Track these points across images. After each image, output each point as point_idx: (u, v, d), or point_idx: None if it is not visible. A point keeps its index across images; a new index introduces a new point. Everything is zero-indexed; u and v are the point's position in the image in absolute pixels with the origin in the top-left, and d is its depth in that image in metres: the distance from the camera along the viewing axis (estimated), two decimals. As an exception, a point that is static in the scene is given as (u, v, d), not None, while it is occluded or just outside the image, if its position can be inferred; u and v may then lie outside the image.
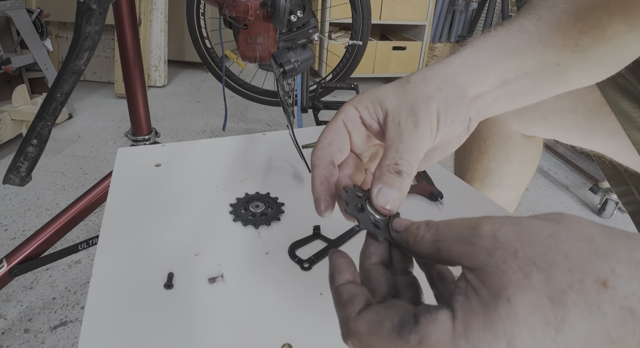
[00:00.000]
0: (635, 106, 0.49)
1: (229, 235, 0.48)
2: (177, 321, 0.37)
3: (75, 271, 1.01)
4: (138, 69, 0.88)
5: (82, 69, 0.65)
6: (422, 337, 0.17)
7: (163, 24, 2.28)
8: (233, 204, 0.53)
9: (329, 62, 2.35)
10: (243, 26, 1.05)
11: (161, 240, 0.47)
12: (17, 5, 1.67)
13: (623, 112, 0.50)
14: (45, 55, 1.82)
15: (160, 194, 0.55)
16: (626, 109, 0.50)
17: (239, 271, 0.43)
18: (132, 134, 0.94)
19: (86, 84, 2.34)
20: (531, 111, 0.58)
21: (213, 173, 0.60)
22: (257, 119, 2.03)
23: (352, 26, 1.72)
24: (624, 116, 0.50)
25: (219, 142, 0.70)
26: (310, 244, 0.47)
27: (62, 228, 0.80)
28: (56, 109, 0.67)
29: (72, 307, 0.91)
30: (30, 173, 0.72)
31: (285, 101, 0.58)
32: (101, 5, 0.61)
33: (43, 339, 0.84)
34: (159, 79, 2.35)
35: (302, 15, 0.58)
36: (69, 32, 2.31)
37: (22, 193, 1.30)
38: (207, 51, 1.79)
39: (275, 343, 0.35)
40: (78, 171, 1.47)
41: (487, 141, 0.66)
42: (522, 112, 0.59)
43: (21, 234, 1.13)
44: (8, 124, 1.57)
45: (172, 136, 1.79)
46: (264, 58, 1.09)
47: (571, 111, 0.55)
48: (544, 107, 0.56)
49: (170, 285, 0.40)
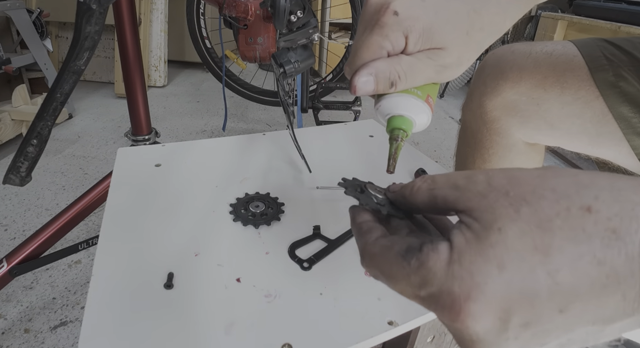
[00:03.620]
0: (636, 110, 0.49)
1: (229, 235, 0.48)
2: (177, 321, 0.37)
3: (75, 271, 1.01)
4: (138, 69, 0.88)
5: (82, 69, 0.65)
6: (421, 263, 0.19)
7: (163, 24, 2.28)
8: (233, 204, 0.53)
9: (329, 62, 2.35)
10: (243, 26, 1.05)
11: (161, 240, 0.47)
12: (17, 5, 1.67)
13: (623, 117, 0.50)
14: (45, 55, 1.82)
15: (160, 194, 0.55)
16: (626, 114, 0.50)
17: (239, 271, 0.43)
18: (132, 134, 0.94)
19: (86, 84, 2.34)
20: (536, 118, 0.58)
21: (213, 173, 0.60)
22: (257, 119, 2.03)
23: (352, 26, 1.72)
24: (624, 120, 0.50)
25: (219, 142, 0.70)
26: (310, 244, 0.47)
27: (62, 228, 0.80)
28: (56, 109, 0.67)
29: (72, 307, 0.91)
30: (30, 173, 0.72)
31: (285, 101, 0.58)
32: (101, 5, 0.61)
33: (43, 339, 0.84)
34: (159, 79, 2.35)
35: (302, 16, 0.58)
36: (69, 32, 2.31)
37: (22, 193, 1.30)
38: (207, 51, 1.79)
39: (275, 343, 0.35)
40: (78, 171, 1.47)
41: (490, 150, 0.66)
42: (527, 120, 0.59)
43: (21, 234, 1.13)
44: (8, 124, 1.57)
45: (172, 136, 1.79)
46: (264, 58, 1.09)
47: (578, 117, 0.54)
48: (549, 114, 0.56)
49: (170, 285, 0.40)
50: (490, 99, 0.61)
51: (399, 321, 0.38)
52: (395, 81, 0.29)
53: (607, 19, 1.69)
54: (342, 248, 0.47)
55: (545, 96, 0.56)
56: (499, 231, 0.18)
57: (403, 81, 0.29)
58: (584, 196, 0.17)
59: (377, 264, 0.21)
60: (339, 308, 0.39)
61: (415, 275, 0.19)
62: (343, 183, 0.28)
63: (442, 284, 0.18)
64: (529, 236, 0.17)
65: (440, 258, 0.18)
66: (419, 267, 0.19)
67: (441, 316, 0.19)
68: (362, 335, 0.37)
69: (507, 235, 0.17)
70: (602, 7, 1.74)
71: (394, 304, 0.40)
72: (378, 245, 0.22)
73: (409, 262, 0.20)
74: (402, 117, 0.31)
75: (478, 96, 0.63)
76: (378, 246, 0.22)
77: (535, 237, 0.17)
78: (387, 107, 0.31)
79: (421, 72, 0.29)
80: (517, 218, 0.18)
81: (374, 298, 0.40)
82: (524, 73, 0.57)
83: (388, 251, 0.21)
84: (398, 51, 0.29)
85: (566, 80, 0.54)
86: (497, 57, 0.62)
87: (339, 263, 0.44)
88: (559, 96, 0.55)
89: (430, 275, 0.18)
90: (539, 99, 0.56)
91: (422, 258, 0.19)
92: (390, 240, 0.22)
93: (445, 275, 0.18)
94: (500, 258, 0.17)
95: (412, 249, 0.20)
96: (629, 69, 0.42)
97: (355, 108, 1.56)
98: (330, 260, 0.45)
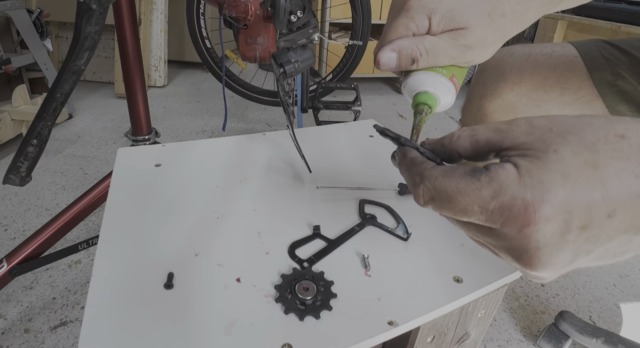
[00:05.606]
0: (634, 109, 0.49)
1: (229, 234, 0.48)
2: (177, 321, 0.37)
3: (75, 271, 1.01)
4: (138, 69, 0.88)
5: (82, 69, 0.65)
6: (491, 178, 0.21)
7: (163, 24, 2.28)
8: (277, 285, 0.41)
9: (329, 62, 2.34)
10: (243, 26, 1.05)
11: (161, 240, 0.47)
12: (17, 5, 1.67)
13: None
14: (45, 55, 1.82)
15: (160, 195, 0.55)
16: (623, 113, 0.50)
17: (239, 271, 0.43)
18: (132, 134, 0.94)
19: (86, 84, 2.34)
20: None
21: (213, 173, 0.60)
22: (257, 119, 2.03)
23: (352, 26, 1.72)
24: None
25: (219, 142, 0.70)
26: (310, 244, 0.47)
27: (62, 228, 0.80)
28: (56, 109, 0.67)
29: (72, 307, 0.91)
30: (30, 173, 0.72)
31: (285, 101, 0.58)
32: (101, 5, 0.61)
33: (43, 339, 0.84)
34: (159, 79, 2.35)
35: (302, 16, 0.58)
36: (69, 32, 2.31)
37: (22, 193, 1.30)
38: (207, 51, 1.79)
39: (275, 343, 0.35)
40: (78, 171, 1.47)
41: None
42: None
43: (21, 234, 1.13)
44: (8, 124, 1.57)
45: (172, 136, 1.79)
46: (264, 58, 1.09)
47: None
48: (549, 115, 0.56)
49: (170, 285, 0.40)
50: (490, 101, 0.61)
51: (399, 321, 0.38)
52: (416, 57, 0.32)
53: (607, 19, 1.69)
54: (342, 248, 0.47)
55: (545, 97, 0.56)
56: (555, 152, 0.20)
57: (424, 58, 0.32)
58: (617, 127, 0.21)
59: (441, 185, 0.22)
60: (339, 308, 0.39)
61: (487, 188, 0.21)
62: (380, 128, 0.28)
63: (515, 192, 0.20)
64: (581, 155, 0.20)
65: (511, 173, 0.21)
66: (490, 181, 0.21)
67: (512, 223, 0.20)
68: (362, 335, 0.37)
69: (563, 155, 0.20)
70: (602, 7, 1.74)
71: (394, 304, 0.40)
72: (439, 169, 0.23)
73: (478, 178, 0.21)
74: (427, 93, 0.33)
75: (478, 98, 0.63)
76: (439, 169, 0.23)
77: (587, 155, 0.20)
78: (413, 84, 0.34)
79: (443, 51, 0.31)
80: (567, 143, 0.20)
81: (374, 298, 0.40)
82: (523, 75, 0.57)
83: (452, 172, 0.22)
84: (423, 32, 0.32)
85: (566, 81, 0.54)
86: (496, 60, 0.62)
87: (339, 263, 0.44)
88: (560, 96, 0.55)
89: (503, 187, 0.20)
90: (540, 101, 0.57)
91: (492, 174, 0.21)
92: (451, 167, 0.23)
93: (518, 185, 0.20)
94: (564, 171, 0.20)
95: (478, 169, 0.22)
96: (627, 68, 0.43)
97: (355, 108, 1.56)
98: (330, 260, 0.45)
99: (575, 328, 0.85)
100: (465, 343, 0.51)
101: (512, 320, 0.95)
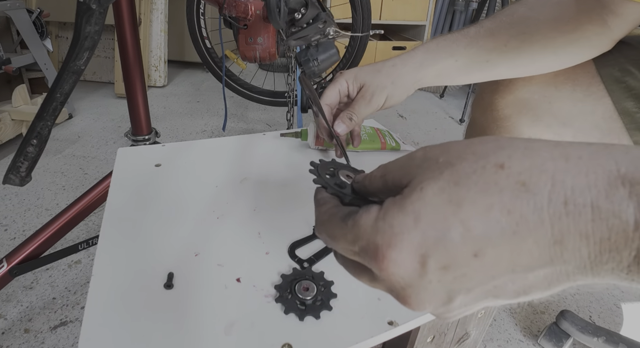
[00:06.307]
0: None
1: (229, 235, 0.48)
2: (177, 321, 0.37)
3: (75, 271, 1.01)
4: (138, 69, 0.87)
5: (82, 69, 0.65)
6: (355, 222, 0.21)
7: (163, 24, 2.28)
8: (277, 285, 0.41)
9: (329, 62, 2.34)
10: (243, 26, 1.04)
11: (161, 240, 0.47)
12: (17, 5, 1.67)
13: (627, 112, 0.50)
14: (45, 55, 1.81)
15: (160, 195, 0.55)
16: (630, 109, 0.50)
17: (239, 271, 0.43)
18: (132, 134, 0.94)
19: (86, 84, 2.34)
20: (548, 116, 0.57)
21: (213, 173, 0.60)
22: (257, 119, 2.03)
23: (352, 26, 1.72)
24: (628, 116, 0.50)
25: (219, 142, 0.70)
26: (310, 244, 0.47)
27: (62, 228, 0.80)
28: (56, 109, 0.67)
29: (72, 307, 0.91)
30: (30, 173, 0.72)
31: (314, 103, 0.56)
32: (101, 5, 0.60)
33: (43, 339, 0.84)
34: (159, 79, 2.35)
35: (306, 11, 0.57)
36: (69, 32, 2.31)
37: (22, 193, 1.30)
38: (207, 51, 1.78)
39: (275, 343, 0.35)
40: (78, 171, 1.47)
41: None
42: (539, 118, 0.59)
43: (21, 234, 1.13)
44: (8, 124, 1.57)
45: (172, 136, 1.79)
46: (264, 58, 1.09)
47: (590, 114, 0.54)
48: (561, 112, 0.56)
49: (170, 285, 0.40)
50: (502, 96, 0.61)
51: (399, 321, 0.38)
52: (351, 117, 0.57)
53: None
54: (342, 248, 0.47)
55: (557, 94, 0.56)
56: (420, 190, 0.20)
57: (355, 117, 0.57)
58: (499, 156, 0.19)
59: (325, 229, 0.24)
60: (339, 308, 0.39)
61: (350, 233, 0.21)
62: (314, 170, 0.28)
63: (369, 237, 0.20)
64: (446, 192, 0.19)
65: (370, 217, 0.21)
66: (353, 226, 0.21)
67: (372, 267, 0.20)
68: (362, 335, 0.37)
69: (427, 193, 0.19)
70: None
71: (394, 304, 0.40)
72: (327, 213, 0.24)
73: (346, 223, 0.22)
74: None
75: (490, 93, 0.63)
76: (327, 214, 0.24)
77: (452, 192, 0.19)
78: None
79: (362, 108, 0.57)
80: (439, 178, 0.19)
81: (374, 298, 0.40)
82: None
83: (334, 216, 0.23)
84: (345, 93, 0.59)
85: (577, 77, 0.54)
86: None
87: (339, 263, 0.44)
88: (571, 93, 0.55)
89: (360, 231, 0.21)
90: (551, 97, 0.57)
91: (356, 218, 0.21)
92: (337, 208, 0.24)
93: (371, 230, 0.20)
94: (418, 212, 0.19)
95: (352, 213, 0.22)
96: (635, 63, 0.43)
97: (355, 108, 1.56)
98: (330, 260, 0.45)
99: (576, 327, 0.84)
100: (465, 343, 0.51)
101: (512, 320, 0.95)
